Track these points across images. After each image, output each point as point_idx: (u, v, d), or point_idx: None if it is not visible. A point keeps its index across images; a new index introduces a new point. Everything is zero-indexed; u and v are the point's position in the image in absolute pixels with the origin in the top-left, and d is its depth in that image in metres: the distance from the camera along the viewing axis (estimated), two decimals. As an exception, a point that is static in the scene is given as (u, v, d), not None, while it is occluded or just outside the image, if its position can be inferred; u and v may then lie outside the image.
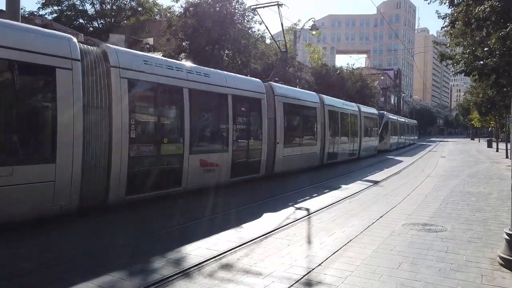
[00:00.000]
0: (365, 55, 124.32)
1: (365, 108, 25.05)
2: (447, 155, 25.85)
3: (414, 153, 29.22)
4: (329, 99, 18.18)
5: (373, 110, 27.39)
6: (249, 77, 12.74)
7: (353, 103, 22.73)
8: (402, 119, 41.68)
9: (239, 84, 11.26)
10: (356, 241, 5.71)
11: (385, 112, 32.81)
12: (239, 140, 11.16)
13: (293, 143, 14.37)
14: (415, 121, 56.27)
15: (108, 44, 8.09)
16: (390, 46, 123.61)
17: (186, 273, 4.41)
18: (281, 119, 13.06)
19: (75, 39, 6.94)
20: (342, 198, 9.35)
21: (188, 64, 10.58)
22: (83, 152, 6.76)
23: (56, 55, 6.45)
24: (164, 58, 10.24)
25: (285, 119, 13.51)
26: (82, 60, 6.90)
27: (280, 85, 14.02)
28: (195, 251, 5.21)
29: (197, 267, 4.60)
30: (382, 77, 61.71)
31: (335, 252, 5.16)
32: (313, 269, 4.54)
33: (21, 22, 8.71)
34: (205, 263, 4.74)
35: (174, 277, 4.28)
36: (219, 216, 7.55)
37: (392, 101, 75.75)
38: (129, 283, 4.20)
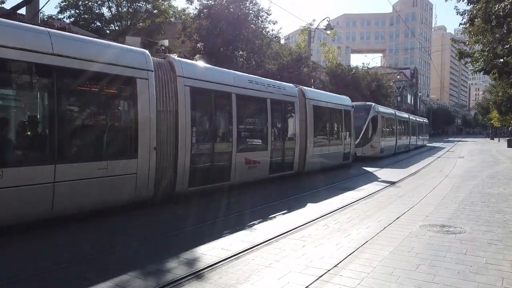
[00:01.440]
0: (380, 54, 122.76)
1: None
2: (466, 155, 25.32)
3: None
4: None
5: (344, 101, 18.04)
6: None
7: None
8: (405, 115, 32.95)
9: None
10: (373, 242, 5.64)
11: (374, 104, 23.03)
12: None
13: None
14: (425, 119, 47.13)
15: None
16: (406, 45, 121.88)
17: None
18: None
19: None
20: (359, 198, 9.26)
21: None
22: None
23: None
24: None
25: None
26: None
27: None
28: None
29: (212, 267, 4.63)
30: (398, 76, 60.90)
31: (351, 253, 5.11)
32: (328, 270, 4.50)
33: (40, 25, 8.91)
34: (220, 263, 4.76)
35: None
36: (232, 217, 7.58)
37: (408, 101, 74.68)
38: (145, 283, 4.25)
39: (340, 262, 4.79)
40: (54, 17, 29.00)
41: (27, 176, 5.79)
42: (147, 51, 8.15)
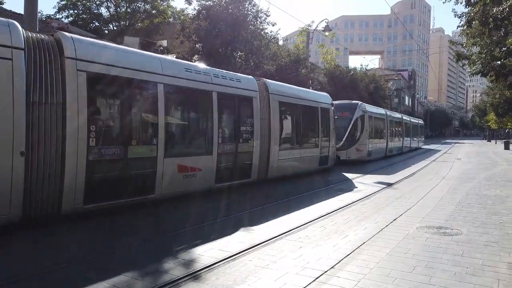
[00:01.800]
0: (378, 56, 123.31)
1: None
2: (463, 157, 25.41)
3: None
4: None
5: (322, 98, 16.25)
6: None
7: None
8: (397, 115, 30.80)
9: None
10: (370, 243, 5.66)
11: (360, 103, 20.91)
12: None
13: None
14: (420, 120, 44.30)
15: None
16: (405, 46, 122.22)
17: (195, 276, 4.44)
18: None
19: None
20: (356, 200, 9.28)
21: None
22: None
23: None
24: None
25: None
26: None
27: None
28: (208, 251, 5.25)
29: (209, 267, 4.63)
30: (396, 78, 61.05)
31: (348, 255, 5.12)
32: (325, 272, 4.51)
33: (38, 25, 8.92)
34: (218, 264, 4.76)
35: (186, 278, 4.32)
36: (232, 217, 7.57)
37: (406, 102, 74.89)
38: (141, 284, 4.25)
39: (337, 263, 4.81)
40: (52, 17, 28.98)
41: None
42: (15, 22, 6.17)
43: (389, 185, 12.03)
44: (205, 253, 5.19)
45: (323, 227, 6.69)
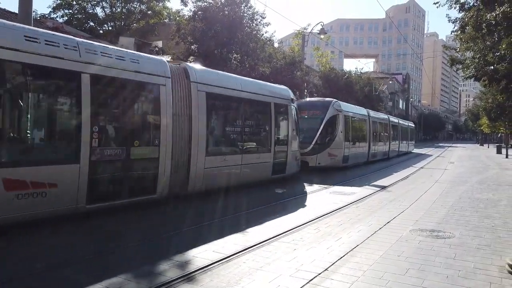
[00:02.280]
0: (373, 60, 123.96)
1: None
2: (456, 161, 25.61)
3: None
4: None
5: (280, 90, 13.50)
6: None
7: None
8: (382, 116, 27.92)
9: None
10: (363, 246, 5.68)
11: (334, 101, 18.14)
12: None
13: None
14: (411, 123, 40.66)
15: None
16: (399, 50, 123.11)
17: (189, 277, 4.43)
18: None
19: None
20: (350, 202, 9.32)
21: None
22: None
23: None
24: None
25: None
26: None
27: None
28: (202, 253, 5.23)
29: (203, 269, 4.62)
30: (390, 82, 61.39)
31: (342, 257, 5.14)
32: (319, 274, 4.53)
33: (32, 25, 8.87)
34: (212, 265, 4.75)
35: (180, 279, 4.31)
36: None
37: (400, 106, 75.36)
38: (135, 285, 4.24)
39: (331, 265, 4.82)
40: (47, 16, 28.82)
41: None
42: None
43: (383, 187, 12.08)
44: (200, 255, 5.18)
45: (317, 229, 6.71)
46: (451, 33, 14.96)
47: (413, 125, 40.50)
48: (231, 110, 11.38)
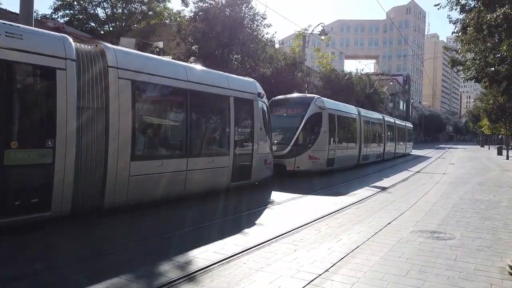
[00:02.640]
0: (374, 61, 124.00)
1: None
2: (456, 162, 25.59)
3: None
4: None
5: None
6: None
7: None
8: (377, 116, 26.17)
9: None
10: (364, 247, 5.68)
11: (316, 97, 16.42)
12: None
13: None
14: (409, 123, 38.44)
15: None
16: (400, 51, 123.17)
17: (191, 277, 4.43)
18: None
19: None
20: (350, 203, 9.31)
21: None
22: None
23: None
24: None
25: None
26: None
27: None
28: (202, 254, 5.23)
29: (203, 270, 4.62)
30: (391, 83, 61.48)
31: (342, 258, 5.14)
32: (320, 275, 4.52)
33: (33, 25, 8.87)
34: (212, 266, 4.75)
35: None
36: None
37: (401, 107, 75.38)
38: (136, 286, 4.23)
39: (331, 266, 4.82)
40: (48, 16, 28.85)
41: None
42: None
43: (384, 189, 12.07)
44: (200, 255, 5.18)
45: (317, 230, 6.71)
46: (452, 34, 14.99)
47: (411, 126, 38.21)
48: (172, 104, 9.53)
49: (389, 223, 7.21)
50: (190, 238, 6.16)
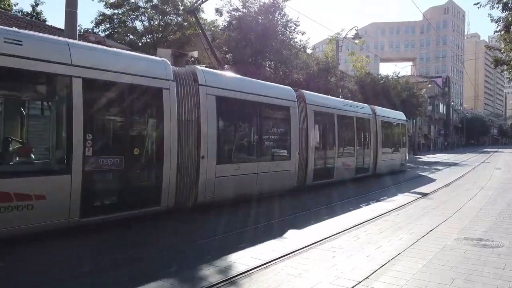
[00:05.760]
0: (410, 63, 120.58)
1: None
2: (503, 167, 24.29)
3: None
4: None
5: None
6: None
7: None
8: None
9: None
10: (405, 254, 5.52)
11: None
12: None
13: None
14: (400, 114, 21.36)
15: None
16: (438, 53, 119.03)
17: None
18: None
19: None
20: (389, 210, 9.07)
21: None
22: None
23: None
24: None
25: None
26: None
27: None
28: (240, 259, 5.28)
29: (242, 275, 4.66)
30: (429, 85, 59.39)
31: (383, 266, 5.02)
32: (360, 282, 4.44)
33: (77, 39, 9.38)
34: (250, 271, 4.78)
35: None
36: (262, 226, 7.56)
37: (440, 110, 72.66)
38: (177, 289, 4.34)
39: (372, 274, 4.72)
40: (90, 30, 30.31)
41: None
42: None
43: (424, 195, 11.65)
44: (238, 260, 5.23)
45: (356, 236, 6.59)
46: (494, 34, 14.33)
47: (405, 120, 21.59)
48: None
49: (431, 230, 6.97)
50: (228, 243, 6.23)
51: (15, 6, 26.19)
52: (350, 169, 14.91)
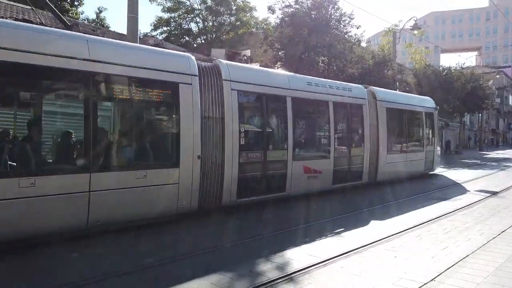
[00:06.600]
0: (475, 53, 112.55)
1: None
2: None
3: None
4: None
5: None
6: None
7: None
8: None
9: None
10: (474, 256, 5.16)
11: None
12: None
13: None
14: (428, 100, 16.37)
15: None
16: (506, 41, 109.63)
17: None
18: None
19: None
20: (454, 209, 8.54)
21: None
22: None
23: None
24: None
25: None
26: None
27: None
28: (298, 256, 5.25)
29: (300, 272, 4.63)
30: (497, 76, 55.01)
31: (450, 267, 4.73)
32: (425, 284, 4.23)
33: (138, 43, 9.86)
34: (308, 269, 4.73)
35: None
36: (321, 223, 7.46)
37: (510, 102, 67.11)
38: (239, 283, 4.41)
39: (438, 275, 4.47)
40: (149, 34, 31.81)
41: None
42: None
43: (494, 193, 10.81)
44: (295, 257, 5.20)
45: (419, 236, 6.29)
46: None
47: (434, 106, 16.32)
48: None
49: (503, 231, 6.47)
50: (285, 239, 6.22)
51: (81, 14, 28.19)
52: (317, 179, 10.02)
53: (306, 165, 9.60)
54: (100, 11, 29.65)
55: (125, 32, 12.34)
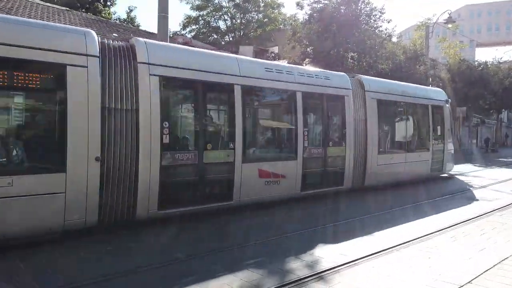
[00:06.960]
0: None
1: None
2: None
3: None
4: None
5: None
6: None
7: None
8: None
9: None
10: (514, 259, 4.95)
11: None
12: None
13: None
14: (432, 90, 15.42)
15: None
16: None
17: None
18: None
19: None
20: (491, 210, 8.21)
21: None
22: None
23: None
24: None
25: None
26: None
27: None
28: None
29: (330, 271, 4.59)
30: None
31: (487, 270, 4.56)
32: (462, 286, 4.09)
33: (168, 41, 10.02)
34: (339, 267, 4.68)
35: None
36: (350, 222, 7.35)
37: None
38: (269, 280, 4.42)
39: (475, 278, 4.31)
40: (178, 33, 32.32)
41: None
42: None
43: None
44: (325, 256, 5.15)
45: (453, 237, 6.08)
46: None
47: (446, 99, 14.14)
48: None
49: (546, 234, 6.15)
50: (316, 238, 6.17)
51: (113, 14, 28.96)
52: (278, 185, 8.48)
53: (262, 168, 7.97)
54: (131, 10, 30.41)
55: (155, 31, 12.58)
